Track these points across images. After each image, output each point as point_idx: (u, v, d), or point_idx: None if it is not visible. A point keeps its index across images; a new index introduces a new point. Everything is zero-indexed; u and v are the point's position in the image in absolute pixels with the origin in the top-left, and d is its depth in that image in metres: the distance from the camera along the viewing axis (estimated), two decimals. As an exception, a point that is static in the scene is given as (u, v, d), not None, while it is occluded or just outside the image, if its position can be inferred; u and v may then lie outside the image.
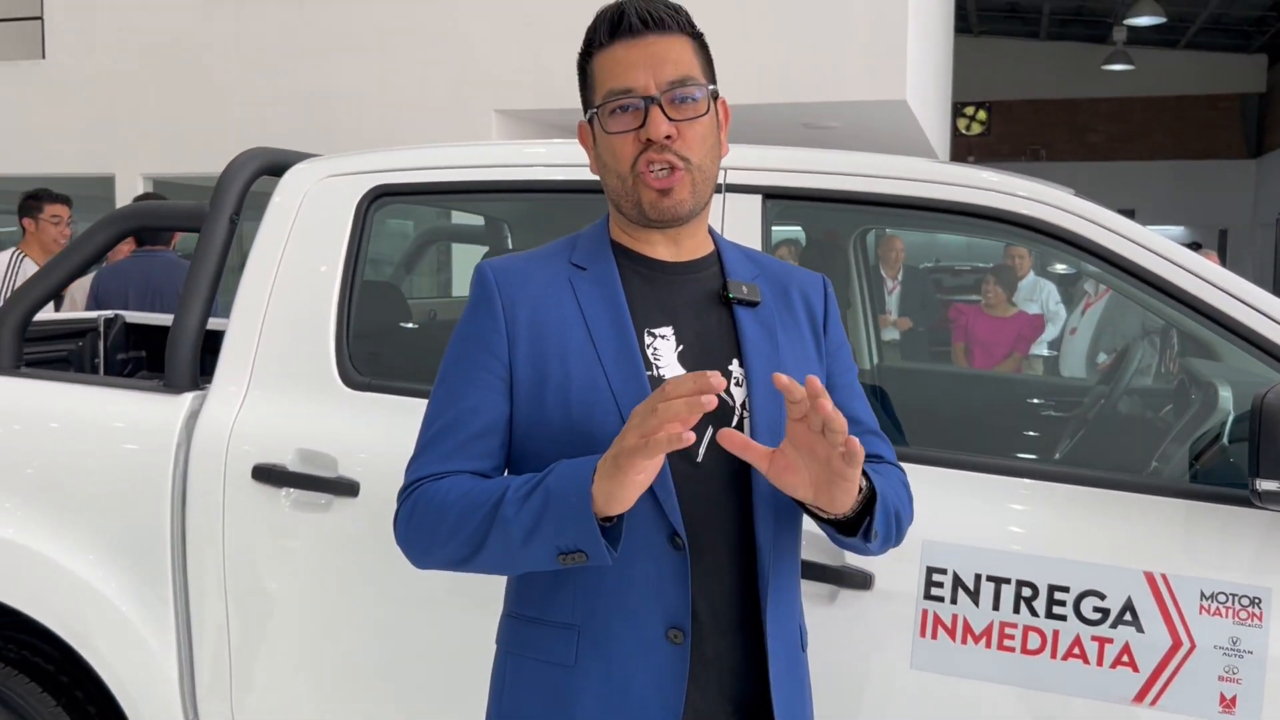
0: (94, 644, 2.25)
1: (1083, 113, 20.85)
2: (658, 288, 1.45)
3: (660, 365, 1.41)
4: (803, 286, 1.53)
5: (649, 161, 1.37)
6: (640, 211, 1.41)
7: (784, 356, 1.45)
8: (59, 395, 2.34)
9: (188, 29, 7.53)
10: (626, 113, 1.38)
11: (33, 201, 5.28)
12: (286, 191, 2.29)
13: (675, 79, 1.38)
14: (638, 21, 1.39)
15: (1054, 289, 6.92)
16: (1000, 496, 1.86)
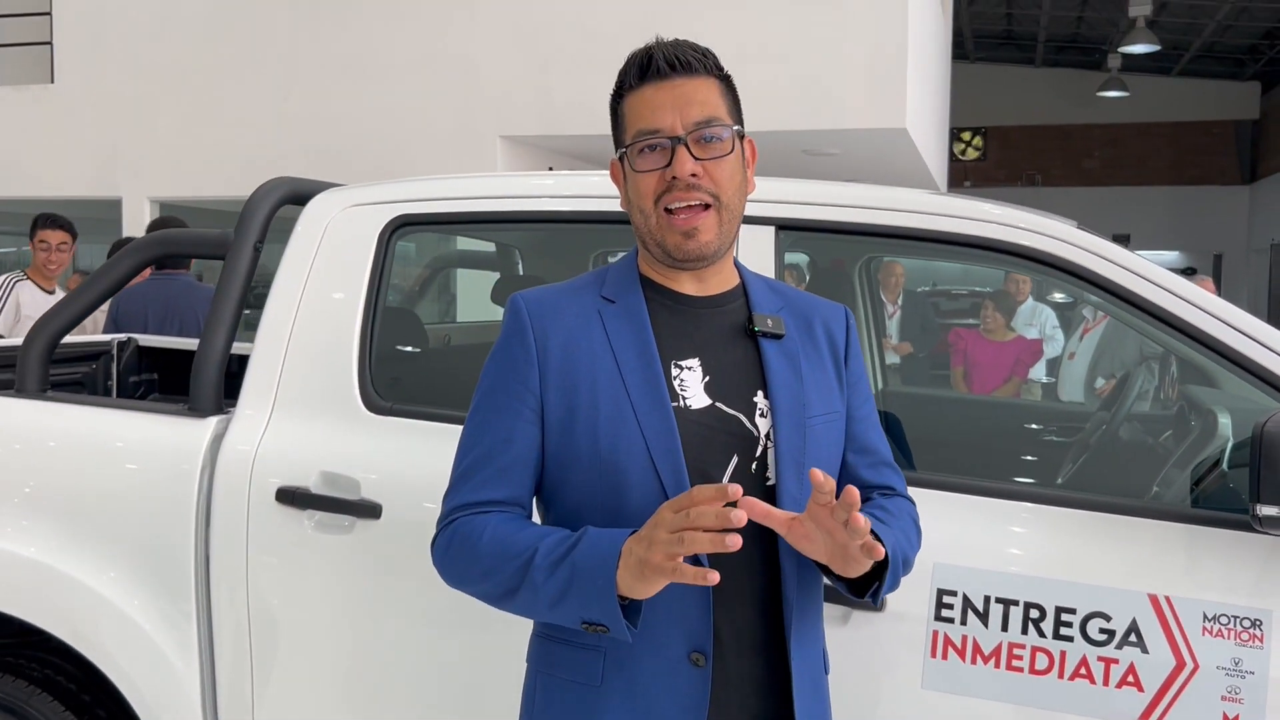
0: (117, 663, 2.29)
1: (1078, 139, 21.01)
2: (684, 320, 1.50)
3: (687, 396, 1.46)
4: (826, 318, 1.58)
5: (676, 199, 1.42)
6: (665, 252, 1.46)
7: (807, 388, 1.50)
8: (85, 418, 2.39)
9: (196, 54, 7.61)
10: (654, 152, 1.44)
11: (34, 225, 5.41)
12: (310, 220, 2.35)
13: (701, 119, 1.43)
14: (665, 65, 1.44)
15: (1052, 314, 7.00)
16: (1008, 520, 1.91)
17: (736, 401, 1.47)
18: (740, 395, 1.47)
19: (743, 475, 1.45)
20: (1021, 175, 21.11)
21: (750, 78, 6.46)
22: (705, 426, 1.44)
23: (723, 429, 1.45)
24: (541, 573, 1.35)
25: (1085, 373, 6.32)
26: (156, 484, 2.27)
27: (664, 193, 1.43)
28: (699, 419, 1.45)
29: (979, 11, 18.11)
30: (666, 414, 1.42)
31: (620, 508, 1.42)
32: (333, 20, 7.32)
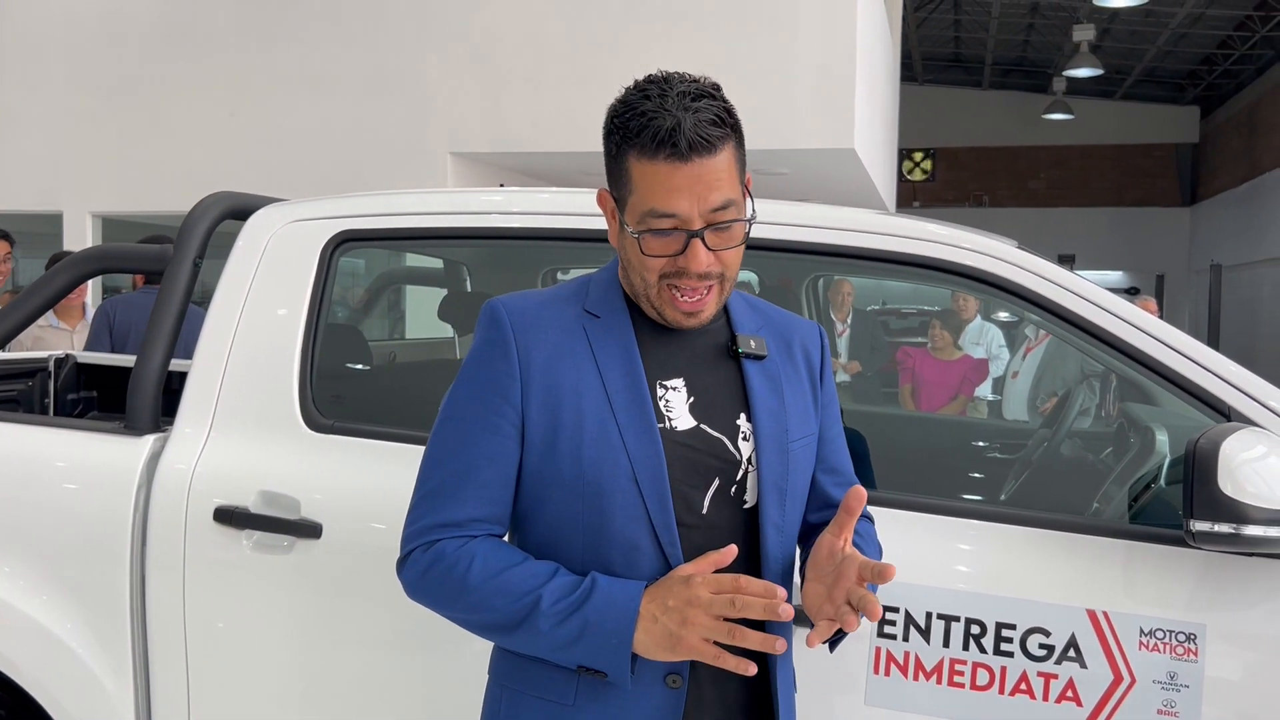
0: (48, 687, 2.23)
1: (1024, 160, 21.39)
2: (668, 340, 1.46)
3: (672, 417, 1.43)
4: (804, 338, 1.57)
5: (685, 285, 1.38)
6: (663, 316, 1.43)
7: (789, 411, 1.48)
8: (17, 436, 2.33)
9: (141, 67, 7.52)
10: (665, 238, 1.37)
11: None
12: (251, 235, 2.32)
13: (720, 204, 1.36)
14: (688, 146, 1.34)
15: (999, 333, 7.09)
16: (950, 536, 1.93)
17: (720, 424, 1.45)
18: (724, 417, 1.45)
19: (722, 498, 1.43)
20: (969, 196, 21.44)
21: (701, 97, 6.51)
22: (690, 449, 1.42)
23: (707, 451, 1.43)
24: (548, 620, 1.33)
25: (1028, 391, 6.41)
26: (91, 503, 2.22)
27: (672, 274, 1.38)
28: (684, 441, 1.42)
29: (927, 34, 18.40)
30: (654, 437, 1.40)
31: (601, 530, 1.40)
32: (282, 35, 7.26)
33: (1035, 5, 16.44)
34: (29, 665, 2.23)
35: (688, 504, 1.41)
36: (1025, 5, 16.50)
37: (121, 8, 7.57)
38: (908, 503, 1.96)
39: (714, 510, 1.42)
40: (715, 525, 1.42)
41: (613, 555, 1.39)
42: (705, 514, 1.42)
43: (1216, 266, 12.89)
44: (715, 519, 1.42)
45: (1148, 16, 15.68)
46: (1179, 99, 20.59)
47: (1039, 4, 16.32)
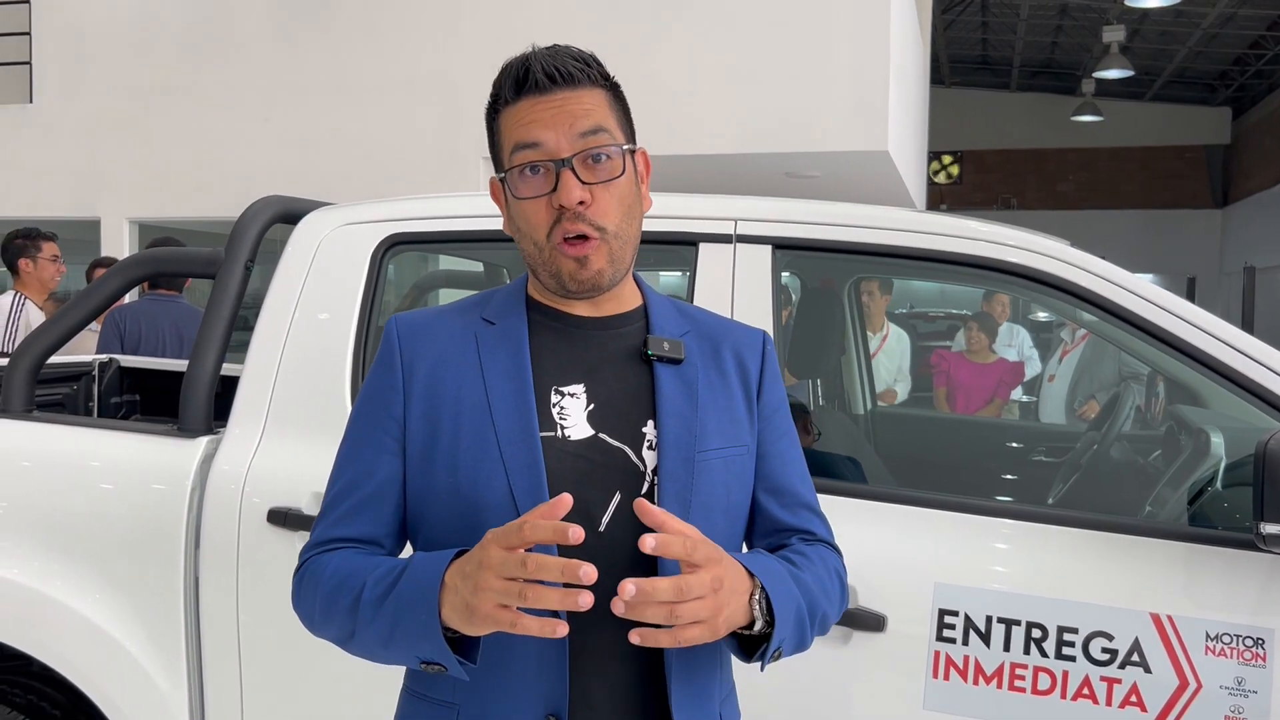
0: (102, 688, 2.25)
1: (1052, 162, 21.23)
2: (572, 343, 1.36)
3: (566, 425, 1.31)
4: (737, 344, 1.42)
5: (563, 233, 1.28)
6: (559, 282, 1.32)
7: (704, 417, 1.34)
8: (73, 438, 2.35)
9: (175, 73, 7.58)
10: (536, 175, 1.29)
11: (26, 241, 5.29)
12: (302, 239, 2.33)
13: (587, 129, 1.28)
14: (544, 78, 1.29)
15: (1028, 335, 7.04)
16: (1010, 540, 1.91)
17: (623, 432, 1.32)
18: (628, 425, 1.32)
19: (626, 514, 1.28)
20: (997, 198, 21.31)
21: (734, 101, 6.51)
22: (585, 460, 1.29)
23: (605, 462, 1.29)
24: (369, 609, 1.22)
25: (1066, 394, 6.36)
26: (146, 505, 2.24)
27: (555, 224, 1.28)
28: (579, 451, 1.29)
29: (955, 37, 18.31)
30: (533, 445, 1.28)
31: None
32: (315, 41, 7.31)
33: (1064, 7, 16.32)
34: (84, 665, 2.25)
35: (586, 520, 1.25)
36: (1054, 7, 16.39)
37: (157, 16, 7.64)
38: (964, 505, 1.95)
39: (615, 526, 1.27)
40: (616, 542, 1.26)
41: None
42: (604, 530, 1.27)
43: (1250, 269, 12.74)
44: (616, 536, 1.26)
45: (1178, 17, 15.54)
46: (1210, 100, 20.39)
47: (1068, 5, 16.20)
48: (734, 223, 2.14)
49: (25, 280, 5.30)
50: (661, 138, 6.64)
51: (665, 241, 2.18)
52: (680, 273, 2.24)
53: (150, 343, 4.74)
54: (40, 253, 5.28)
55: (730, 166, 7.05)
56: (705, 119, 6.55)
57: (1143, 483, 2.71)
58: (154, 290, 4.92)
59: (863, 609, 1.88)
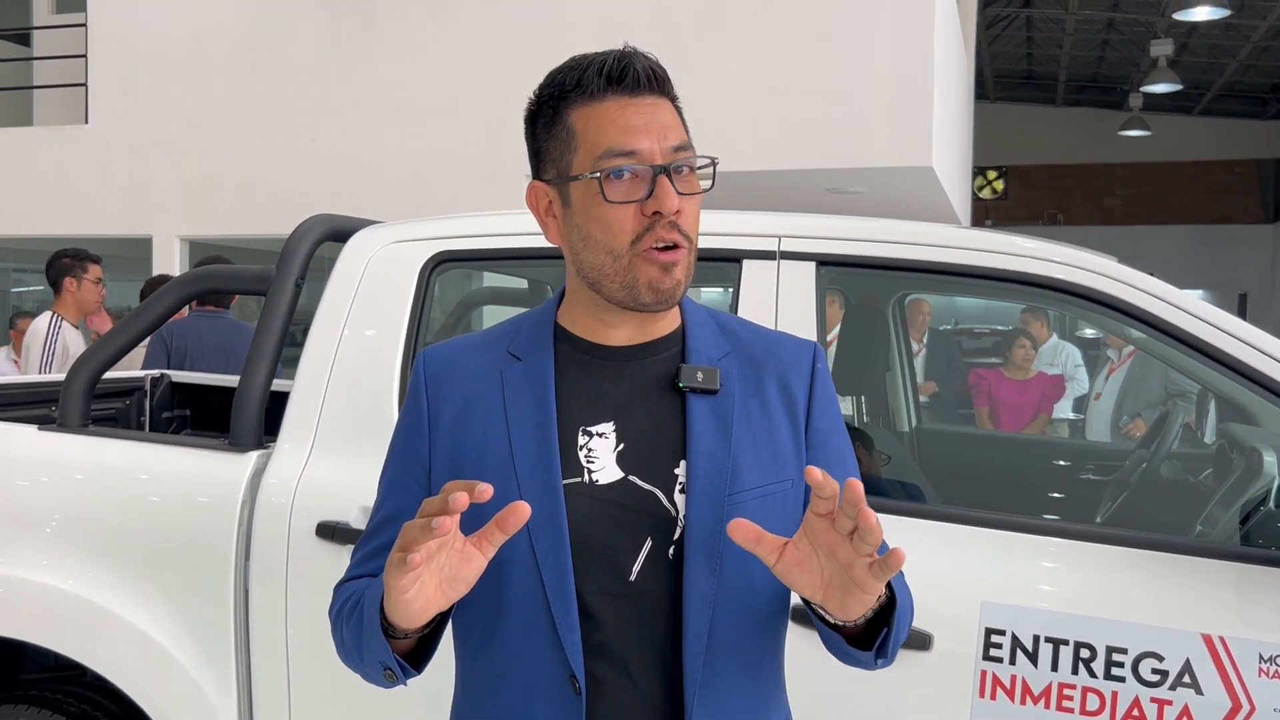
0: (154, 698, 2.28)
1: (1099, 178, 21.02)
2: (601, 378, 1.27)
3: (594, 469, 1.23)
4: (782, 365, 1.31)
5: (658, 239, 1.20)
6: (633, 294, 1.22)
7: (738, 457, 1.24)
8: (127, 452, 2.40)
9: (225, 94, 7.72)
10: (622, 179, 1.20)
11: (71, 261, 5.31)
12: (351, 257, 2.37)
13: (679, 144, 1.22)
14: (643, 76, 1.22)
15: (1076, 352, 6.96)
16: (1058, 558, 1.89)
17: (654, 474, 1.23)
18: (659, 466, 1.23)
19: (657, 561, 1.21)
20: (1043, 214, 21.11)
21: (777, 116, 6.52)
22: (614, 505, 1.21)
23: (635, 507, 1.21)
24: (345, 618, 1.22)
25: (1112, 412, 6.29)
26: (197, 518, 2.27)
27: (644, 231, 1.20)
28: (607, 496, 1.22)
29: (999, 52, 18.21)
30: (555, 497, 1.21)
31: (500, 602, 1.23)
32: (360, 61, 7.42)
33: (1111, 21, 16.18)
34: (135, 675, 2.29)
35: (614, 570, 1.20)
36: (1100, 21, 16.25)
37: (207, 40, 7.79)
38: (1007, 523, 1.93)
39: (646, 576, 1.21)
40: (646, 594, 1.20)
41: (509, 635, 1.23)
42: (634, 580, 1.20)
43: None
44: (646, 586, 1.20)
45: (1228, 30, 15.35)
46: (1261, 114, 20.09)
47: (1115, 20, 16.07)
48: (778, 239, 2.15)
49: (65, 300, 5.28)
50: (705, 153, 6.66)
51: (709, 258, 2.19)
52: (723, 289, 2.25)
53: (195, 358, 4.81)
54: (85, 274, 5.31)
55: (773, 183, 7.05)
56: (748, 135, 6.57)
57: (1193, 502, 2.67)
58: (201, 306, 4.98)
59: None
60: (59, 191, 8.11)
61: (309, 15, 7.54)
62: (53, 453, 2.43)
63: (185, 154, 7.82)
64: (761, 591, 1.23)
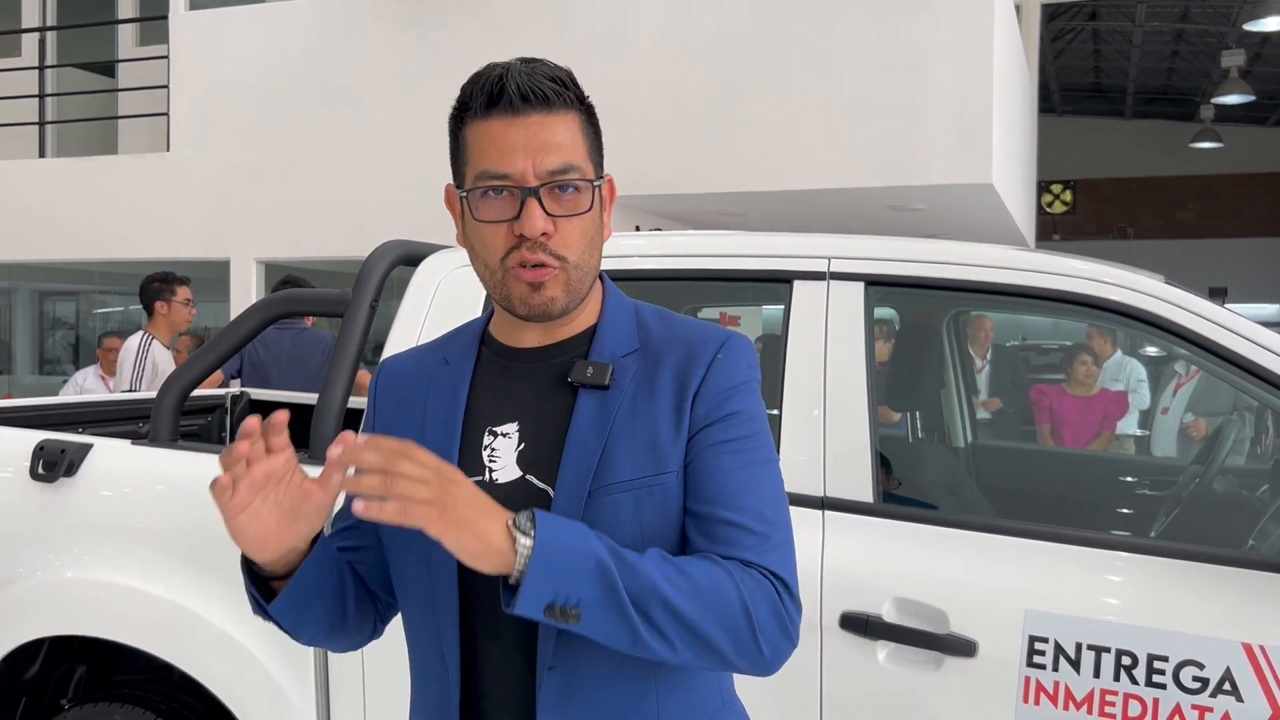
0: (238, 697, 2.42)
1: (1170, 191, 20.66)
2: (511, 379, 1.33)
3: (495, 468, 1.29)
4: (685, 357, 1.30)
5: (522, 259, 1.24)
6: (509, 304, 1.28)
7: (612, 451, 1.25)
8: (212, 466, 2.55)
9: (298, 122, 7.99)
10: (499, 197, 1.24)
11: (163, 284, 5.58)
12: (423, 280, 2.49)
13: (558, 168, 1.23)
14: (518, 97, 1.23)
15: (1140, 368, 6.91)
16: (1100, 569, 1.95)
17: (549, 472, 1.27)
18: (547, 459, 1.27)
19: None
20: (1112, 228, 20.81)
21: (838, 135, 6.59)
22: (510, 504, 1.18)
23: (529, 506, 1.19)
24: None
25: (1178, 427, 6.23)
26: (278, 527, 2.41)
27: (511, 249, 1.24)
28: (504, 495, 1.23)
29: (1066, 65, 18.04)
30: None
31: (404, 597, 1.35)
32: (427, 89, 7.63)
33: (1180, 33, 15.96)
34: (221, 675, 2.42)
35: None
36: (1170, 33, 16.04)
37: (281, 71, 8.07)
38: (1051, 534, 1.99)
39: None
40: None
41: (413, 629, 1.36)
42: None
43: (1384, 298, 12.21)
44: None
45: (1302, 39, 15.07)
46: (1338, 123, 19.63)
47: (1184, 31, 15.84)
48: (827, 260, 2.23)
49: (157, 322, 5.56)
50: (765, 174, 6.75)
51: (761, 279, 2.28)
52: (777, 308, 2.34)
53: (271, 367, 5.02)
54: (175, 296, 5.57)
55: (836, 201, 7.11)
56: (809, 154, 6.64)
57: (1247, 516, 2.70)
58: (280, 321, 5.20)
59: (954, 635, 1.94)
60: (143, 216, 8.44)
61: (378, 46, 7.79)
62: (144, 466, 2.59)
63: (261, 179, 8.09)
64: None
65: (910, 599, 1.97)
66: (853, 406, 2.12)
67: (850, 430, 2.11)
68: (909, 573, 1.99)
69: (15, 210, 8.81)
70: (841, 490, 2.08)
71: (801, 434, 2.13)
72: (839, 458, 2.10)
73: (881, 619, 1.97)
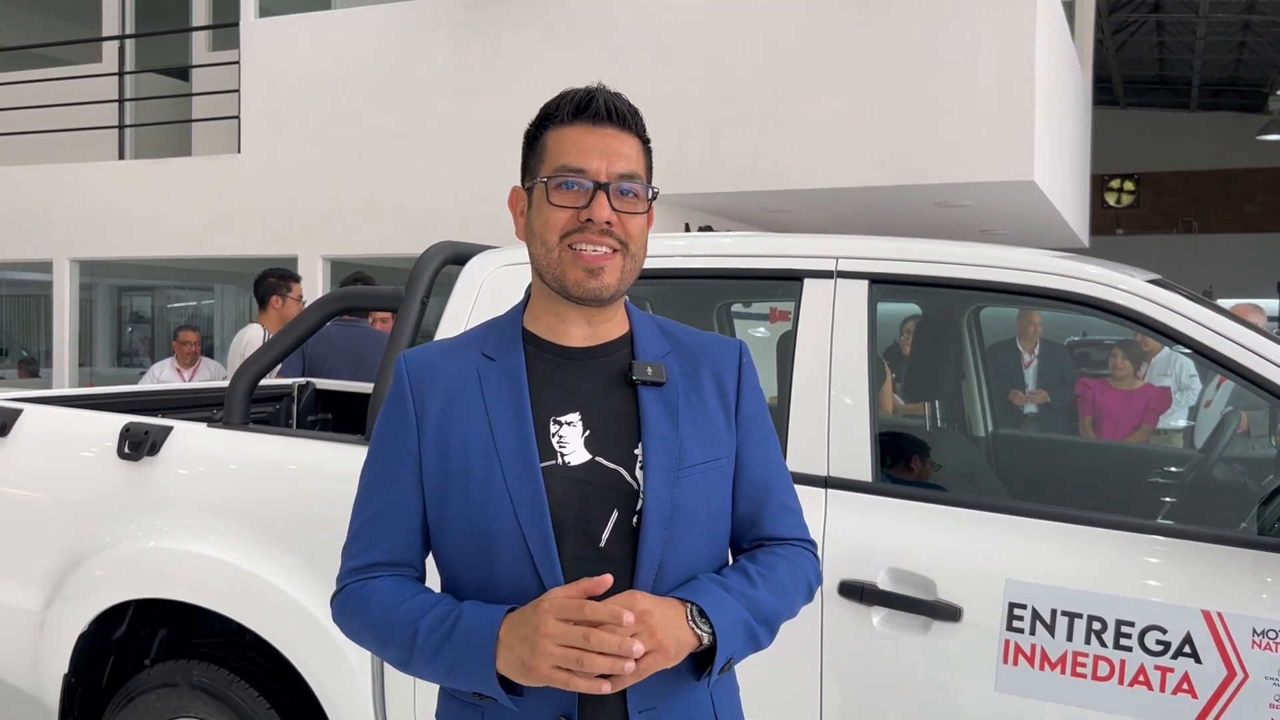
0: (303, 656, 2.66)
1: (1238, 183, 20.32)
2: (566, 374, 1.49)
3: (565, 453, 1.45)
4: (715, 360, 1.55)
5: (585, 240, 1.42)
6: (563, 285, 1.45)
7: (684, 437, 1.47)
8: (282, 446, 2.82)
9: (363, 125, 8.29)
10: (572, 190, 1.44)
11: (277, 280, 5.89)
12: (469, 278, 2.73)
13: (626, 172, 1.45)
14: (604, 110, 1.46)
15: (1189, 363, 6.96)
16: (1075, 542, 2.12)
17: (618, 455, 1.45)
18: (621, 448, 1.46)
19: (622, 530, 1.43)
20: (1177, 222, 20.52)
21: (880, 133, 6.73)
22: (584, 483, 1.42)
23: (602, 484, 1.43)
24: (426, 653, 1.38)
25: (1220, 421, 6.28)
26: (340, 502, 2.65)
27: (573, 231, 1.43)
28: (578, 475, 1.43)
29: (1128, 57, 17.84)
30: (534, 476, 1.42)
31: (490, 575, 1.43)
32: (486, 92, 7.89)
33: (1247, 23, 15.73)
34: (288, 636, 2.67)
35: (588, 538, 1.42)
36: (1236, 24, 15.81)
37: (347, 75, 8.38)
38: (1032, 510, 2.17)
39: (613, 542, 1.42)
40: (613, 558, 1.42)
41: (500, 596, 1.42)
42: (603, 547, 1.42)
43: None
44: (614, 551, 1.42)
45: (1372, 29, 14.78)
46: None
47: (1250, 22, 15.61)
48: (835, 260, 2.43)
49: (270, 314, 5.83)
50: (810, 172, 6.91)
51: (773, 277, 2.49)
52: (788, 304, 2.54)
53: (328, 361, 5.29)
54: (289, 293, 5.86)
55: (880, 198, 7.24)
56: (852, 152, 6.78)
57: (1244, 501, 2.83)
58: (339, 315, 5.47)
59: (941, 601, 2.13)
60: (215, 216, 8.82)
61: (439, 50, 8.07)
62: (220, 447, 2.86)
63: (328, 180, 8.42)
64: (700, 554, 1.48)
65: (902, 569, 2.17)
66: (855, 394, 2.31)
67: (852, 416, 2.30)
68: (902, 545, 2.18)
69: (96, 210, 9.26)
70: (843, 470, 2.28)
71: (808, 419, 2.33)
72: (841, 441, 2.29)
73: (876, 586, 2.17)
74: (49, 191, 9.45)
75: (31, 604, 2.98)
